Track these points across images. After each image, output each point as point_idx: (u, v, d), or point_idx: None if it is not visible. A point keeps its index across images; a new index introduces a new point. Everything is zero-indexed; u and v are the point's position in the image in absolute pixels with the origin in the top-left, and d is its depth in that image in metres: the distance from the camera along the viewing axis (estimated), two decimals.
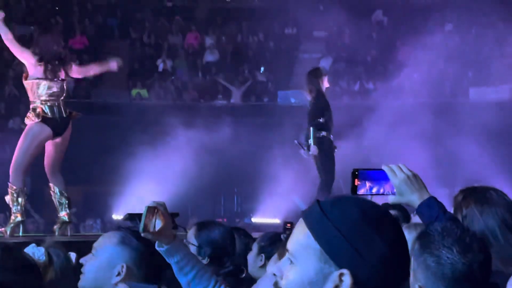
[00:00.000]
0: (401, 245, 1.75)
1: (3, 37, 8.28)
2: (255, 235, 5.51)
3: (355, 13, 22.40)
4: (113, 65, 8.91)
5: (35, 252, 3.06)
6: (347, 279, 1.67)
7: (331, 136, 10.08)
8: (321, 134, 10.02)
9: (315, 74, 10.37)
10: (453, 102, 17.72)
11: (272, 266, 1.85)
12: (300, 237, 1.74)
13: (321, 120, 9.98)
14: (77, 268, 3.36)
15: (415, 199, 3.12)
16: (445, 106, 17.13)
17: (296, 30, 22.80)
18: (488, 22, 20.11)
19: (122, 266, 3.28)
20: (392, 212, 4.97)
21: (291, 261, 1.74)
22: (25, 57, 8.45)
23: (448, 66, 19.50)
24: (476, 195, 3.48)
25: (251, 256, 4.86)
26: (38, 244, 3.23)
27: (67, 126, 8.73)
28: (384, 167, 3.10)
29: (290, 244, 1.76)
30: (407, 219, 5.29)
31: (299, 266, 1.72)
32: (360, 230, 1.69)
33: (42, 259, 3.12)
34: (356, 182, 2.98)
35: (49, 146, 8.75)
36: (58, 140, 8.64)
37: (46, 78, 8.55)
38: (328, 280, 1.69)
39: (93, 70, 9.13)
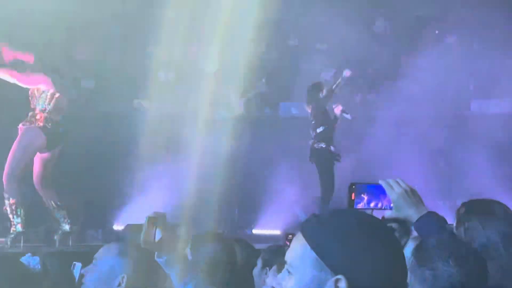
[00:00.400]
0: (395, 254, 1.79)
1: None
2: (257, 246, 5.50)
3: (357, 25, 22.43)
4: None
5: (30, 261, 3.05)
6: (343, 285, 1.71)
7: (331, 147, 10.06)
8: (320, 146, 10.03)
9: (314, 88, 10.43)
10: (455, 115, 17.71)
11: (272, 279, 1.88)
12: (297, 248, 1.78)
13: (318, 131, 10.00)
14: (79, 278, 3.35)
15: (412, 213, 3.11)
16: (446, 119, 17.11)
17: (298, 41, 22.82)
18: (490, 34, 20.13)
19: (123, 277, 3.28)
20: (393, 225, 4.93)
21: (289, 272, 1.78)
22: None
23: (450, 79, 19.49)
24: (478, 208, 3.46)
25: (256, 270, 4.87)
26: (34, 253, 3.21)
27: (60, 142, 8.70)
28: (381, 182, 3.08)
29: (288, 256, 1.80)
30: (407, 231, 5.25)
31: (296, 275, 1.76)
32: (355, 238, 1.74)
33: (37, 268, 3.10)
34: (353, 196, 2.97)
35: (37, 162, 8.70)
36: (46, 155, 8.59)
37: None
38: (324, 286, 1.73)
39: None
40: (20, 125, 8.72)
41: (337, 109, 10.01)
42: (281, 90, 21.27)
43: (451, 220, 3.91)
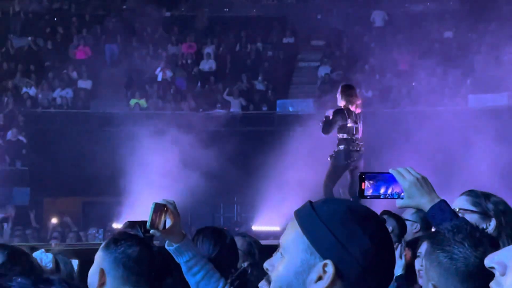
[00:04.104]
0: (384, 242, 1.82)
1: None
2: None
3: (353, 21, 22.44)
4: None
5: (43, 258, 3.04)
6: (330, 269, 1.74)
7: (352, 147, 10.03)
8: (340, 148, 10.08)
9: (339, 89, 10.45)
10: (452, 109, 17.72)
11: (266, 262, 1.93)
12: (291, 231, 1.82)
13: (338, 134, 10.05)
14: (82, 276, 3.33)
15: (425, 202, 3.09)
16: (444, 113, 17.13)
17: (294, 39, 22.84)
18: (486, 30, 20.16)
19: (101, 270, 3.21)
20: (390, 227, 4.94)
21: (282, 254, 1.82)
22: None
23: (447, 74, 19.52)
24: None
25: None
26: (47, 250, 3.20)
27: None
28: (391, 171, 3.07)
29: (282, 239, 1.85)
30: (403, 229, 5.26)
31: (287, 258, 1.80)
32: (345, 224, 1.77)
33: (49, 266, 3.09)
34: (363, 185, 2.97)
35: None
36: None
37: None
38: (313, 270, 1.77)
39: None
40: None
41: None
42: (278, 87, 21.29)
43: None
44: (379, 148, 15.03)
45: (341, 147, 10.04)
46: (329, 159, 10.23)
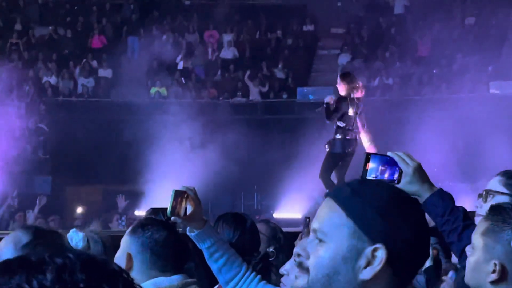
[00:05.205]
0: (426, 224, 1.79)
1: None
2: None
3: (373, 8, 22.34)
4: None
5: (74, 237, 3.03)
6: (381, 254, 1.69)
7: (350, 135, 9.98)
8: (337, 136, 10.02)
9: (339, 78, 10.38)
10: (473, 96, 17.63)
11: (296, 247, 1.84)
12: (331, 215, 1.74)
13: (338, 123, 9.97)
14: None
15: (425, 189, 3.07)
16: (465, 100, 17.03)
17: (314, 26, 22.77)
18: (509, 15, 19.99)
19: (128, 254, 3.25)
20: None
21: (320, 240, 1.74)
22: None
23: (468, 60, 19.40)
24: None
25: None
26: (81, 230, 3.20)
27: None
28: (391, 154, 3.04)
29: (318, 223, 1.76)
30: None
31: (332, 244, 1.73)
32: (393, 207, 1.72)
33: (80, 245, 3.08)
34: (368, 166, 2.95)
35: None
36: None
37: None
38: (362, 256, 1.70)
39: None
40: None
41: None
42: (298, 75, 21.25)
43: (472, 201, 3.88)
44: (400, 135, 14.98)
45: (338, 136, 9.99)
46: (326, 147, 10.15)
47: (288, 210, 15.62)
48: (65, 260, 1.14)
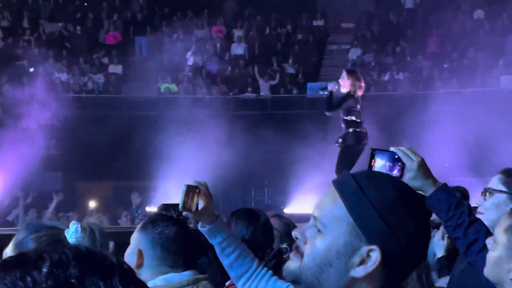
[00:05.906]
0: (427, 226, 1.76)
1: None
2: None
3: (383, 3, 22.29)
4: None
5: (70, 229, 3.02)
6: (376, 255, 1.67)
7: (359, 129, 9.89)
8: (349, 130, 9.92)
9: (345, 73, 10.29)
10: (484, 91, 17.58)
11: (295, 230, 1.82)
12: (333, 207, 1.73)
13: (347, 117, 9.89)
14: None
15: (429, 184, 3.05)
16: (475, 95, 16.99)
17: (324, 21, 22.73)
18: None
19: (139, 251, 3.26)
20: None
21: (319, 229, 1.73)
22: None
23: (478, 55, 19.34)
24: None
25: None
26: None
27: None
28: (394, 149, 3.03)
29: (319, 211, 1.75)
30: None
31: (329, 236, 1.72)
32: (395, 210, 1.69)
33: (73, 237, 3.05)
34: (373, 162, 2.94)
35: None
36: None
37: None
38: (356, 253, 1.69)
39: None
40: None
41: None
42: (308, 70, 21.22)
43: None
44: (410, 130, 14.95)
45: (351, 129, 9.89)
46: (337, 145, 10.00)
47: (299, 205, 15.62)
48: (61, 256, 1.14)
